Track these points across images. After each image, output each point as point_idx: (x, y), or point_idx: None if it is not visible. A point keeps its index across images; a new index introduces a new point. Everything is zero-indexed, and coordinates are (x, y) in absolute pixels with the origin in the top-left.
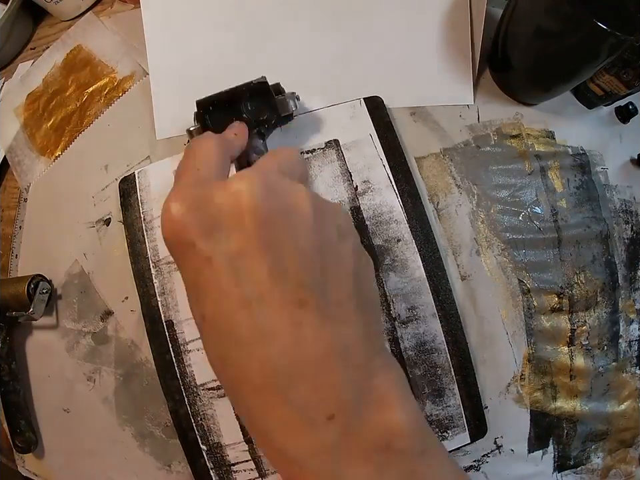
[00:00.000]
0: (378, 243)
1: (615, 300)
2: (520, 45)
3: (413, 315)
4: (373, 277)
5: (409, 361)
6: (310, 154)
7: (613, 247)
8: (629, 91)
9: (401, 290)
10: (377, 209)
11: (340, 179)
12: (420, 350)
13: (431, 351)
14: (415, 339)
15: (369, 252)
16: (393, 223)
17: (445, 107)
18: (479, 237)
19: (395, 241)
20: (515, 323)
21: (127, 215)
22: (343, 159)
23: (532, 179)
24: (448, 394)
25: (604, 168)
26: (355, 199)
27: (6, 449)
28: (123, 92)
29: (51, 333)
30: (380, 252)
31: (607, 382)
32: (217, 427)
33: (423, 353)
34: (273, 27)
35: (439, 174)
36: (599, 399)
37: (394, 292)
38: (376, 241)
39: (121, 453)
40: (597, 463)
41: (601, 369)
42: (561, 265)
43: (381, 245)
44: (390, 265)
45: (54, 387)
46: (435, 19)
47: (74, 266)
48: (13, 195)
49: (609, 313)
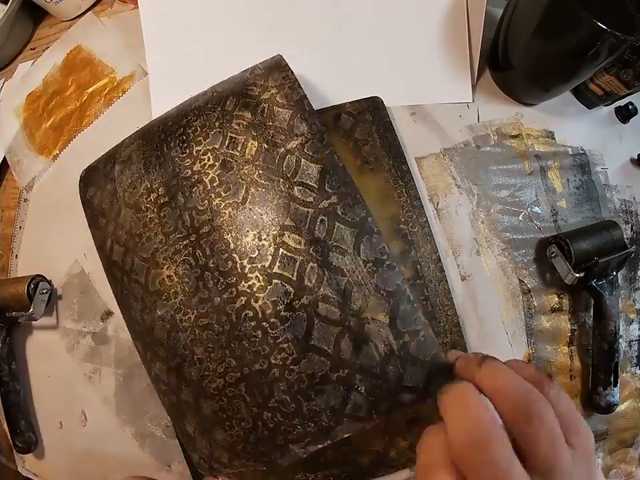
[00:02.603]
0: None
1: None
2: (520, 45)
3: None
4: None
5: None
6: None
7: None
8: (628, 91)
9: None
10: None
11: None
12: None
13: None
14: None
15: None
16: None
17: (444, 107)
18: (479, 236)
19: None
20: (514, 323)
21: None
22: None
23: (532, 179)
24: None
25: (604, 168)
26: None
27: (6, 449)
28: (123, 92)
29: (51, 333)
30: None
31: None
32: None
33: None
34: (272, 27)
35: (438, 174)
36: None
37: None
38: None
39: (121, 453)
40: (597, 463)
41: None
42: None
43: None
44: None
45: (54, 387)
46: (433, 18)
47: (74, 266)
48: (13, 195)
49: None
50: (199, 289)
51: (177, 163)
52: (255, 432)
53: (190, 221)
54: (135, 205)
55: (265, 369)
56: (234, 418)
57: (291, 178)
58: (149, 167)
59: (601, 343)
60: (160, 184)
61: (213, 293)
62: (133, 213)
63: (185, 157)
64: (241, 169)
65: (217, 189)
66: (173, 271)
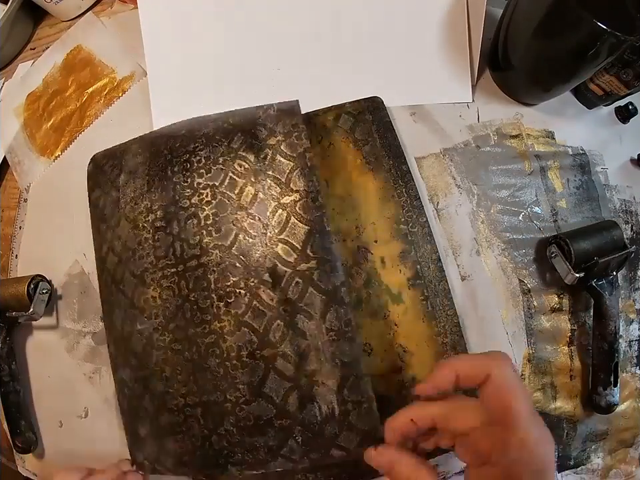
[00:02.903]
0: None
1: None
2: (520, 45)
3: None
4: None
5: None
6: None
7: None
8: (628, 91)
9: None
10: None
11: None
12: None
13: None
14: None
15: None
16: None
17: (445, 107)
18: (479, 236)
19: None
20: (515, 323)
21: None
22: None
23: (532, 179)
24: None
25: (604, 168)
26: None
27: (6, 449)
28: (123, 92)
29: (51, 332)
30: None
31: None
32: None
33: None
34: (272, 27)
35: (438, 174)
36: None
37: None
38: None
39: (121, 453)
40: (597, 463)
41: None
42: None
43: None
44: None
45: (54, 387)
46: (433, 18)
47: (74, 266)
48: (13, 195)
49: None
50: (177, 317)
51: (177, 190)
52: (201, 449)
53: (180, 251)
54: (133, 220)
55: (220, 402)
56: (186, 434)
57: (278, 234)
58: (151, 187)
59: (601, 343)
60: (159, 207)
61: (188, 324)
62: (130, 227)
63: (186, 187)
64: (234, 213)
65: (209, 227)
66: (158, 294)
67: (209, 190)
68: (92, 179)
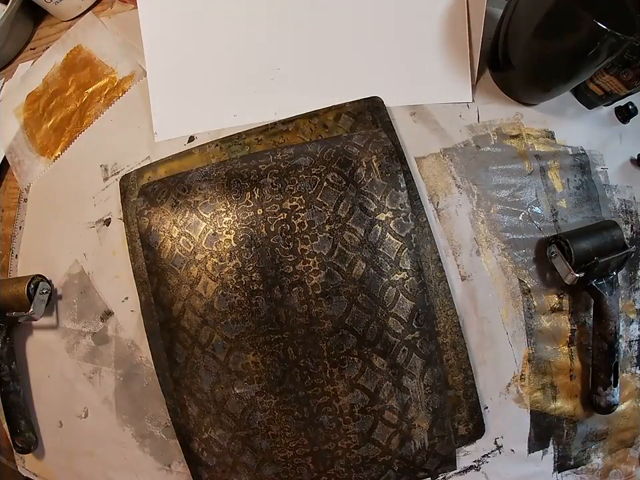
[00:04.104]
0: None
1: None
2: (520, 45)
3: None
4: None
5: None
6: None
7: None
8: (628, 91)
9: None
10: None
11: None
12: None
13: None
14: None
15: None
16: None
17: (445, 107)
18: (479, 237)
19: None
20: (515, 323)
21: (128, 212)
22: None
23: (532, 179)
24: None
25: (604, 168)
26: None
27: (6, 449)
28: (123, 92)
29: (51, 333)
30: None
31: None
32: None
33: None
34: (272, 27)
35: (439, 174)
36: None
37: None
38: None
39: (121, 453)
40: (597, 463)
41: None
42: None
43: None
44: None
45: (54, 387)
46: (433, 18)
47: (74, 266)
48: (13, 195)
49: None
50: (284, 381)
51: (277, 252)
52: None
53: (285, 319)
54: (221, 279)
55: (332, 449)
56: (294, 479)
57: (389, 308)
58: (242, 244)
59: (601, 343)
60: (255, 268)
61: (297, 387)
62: (217, 287)
63: (288, 251)
64: (345, 286)
65: (319, 297)
66: (260, 359)
67: (315, 259)
68: (147, 215)
